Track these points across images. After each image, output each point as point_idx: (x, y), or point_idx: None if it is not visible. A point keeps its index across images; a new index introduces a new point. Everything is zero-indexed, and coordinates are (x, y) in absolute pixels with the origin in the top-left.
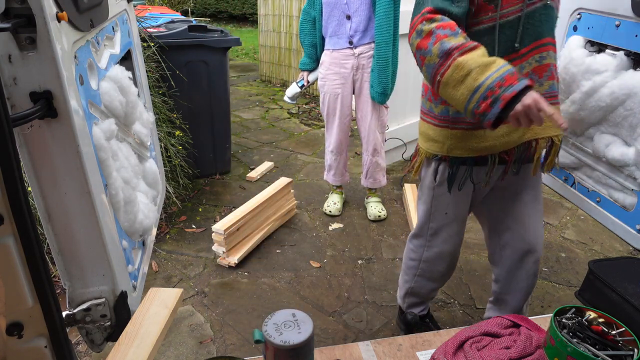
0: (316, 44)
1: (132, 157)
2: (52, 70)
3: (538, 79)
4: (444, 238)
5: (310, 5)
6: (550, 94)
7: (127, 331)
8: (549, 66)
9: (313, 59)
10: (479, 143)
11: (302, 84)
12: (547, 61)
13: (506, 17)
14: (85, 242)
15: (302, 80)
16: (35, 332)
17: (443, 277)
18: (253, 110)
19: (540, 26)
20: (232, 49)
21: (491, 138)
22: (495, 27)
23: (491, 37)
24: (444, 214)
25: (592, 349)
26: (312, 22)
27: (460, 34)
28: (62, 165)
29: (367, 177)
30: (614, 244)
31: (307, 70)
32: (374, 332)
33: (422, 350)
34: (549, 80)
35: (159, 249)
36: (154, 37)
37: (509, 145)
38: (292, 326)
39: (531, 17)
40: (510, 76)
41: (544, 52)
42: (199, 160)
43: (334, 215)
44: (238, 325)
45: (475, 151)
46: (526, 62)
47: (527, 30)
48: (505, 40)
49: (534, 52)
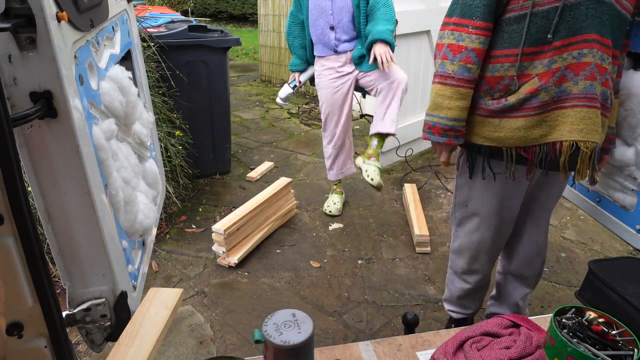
0: (306, 46)
1: (132, 157)
2: (52, 70)
3: (573, 76)
4: (465, 231)
5: (298, 9)
6: (586, 95)
7: (127, 331)
8: (589, 65)
9: (303, 60)
10: (493, 132)
11: (294, 85)
12: (588, 59)
13: (540, 6)
14: (85, 242)
15: (294, 81)
16: (35, 332)
17: (466, 276)
18: (253, 110)
19: (584, 21)
20: (232, 49)
21: (506, 129)
22: (527, 15)
23: (520, 25)
24: (464, 206)
25: (592, 349)
26: (301, 24)
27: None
28: (62, 165)
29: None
30: (614, 244)
31: (298, 71)
32: (374, 332)
33: (422, 350)
34: (586, 81)
35: (159, 249)
36: (154, 37)
37: (527, 142)
38: (292, 326)
39: (573, 10)
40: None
41: (585, 49)
42: (199, 160)
43: (334, 215)
44: (238, 325)
45: (489, 140)
46: (559, 57)
47: (566, 23)
48: (537, 30)
49: (571, 47)
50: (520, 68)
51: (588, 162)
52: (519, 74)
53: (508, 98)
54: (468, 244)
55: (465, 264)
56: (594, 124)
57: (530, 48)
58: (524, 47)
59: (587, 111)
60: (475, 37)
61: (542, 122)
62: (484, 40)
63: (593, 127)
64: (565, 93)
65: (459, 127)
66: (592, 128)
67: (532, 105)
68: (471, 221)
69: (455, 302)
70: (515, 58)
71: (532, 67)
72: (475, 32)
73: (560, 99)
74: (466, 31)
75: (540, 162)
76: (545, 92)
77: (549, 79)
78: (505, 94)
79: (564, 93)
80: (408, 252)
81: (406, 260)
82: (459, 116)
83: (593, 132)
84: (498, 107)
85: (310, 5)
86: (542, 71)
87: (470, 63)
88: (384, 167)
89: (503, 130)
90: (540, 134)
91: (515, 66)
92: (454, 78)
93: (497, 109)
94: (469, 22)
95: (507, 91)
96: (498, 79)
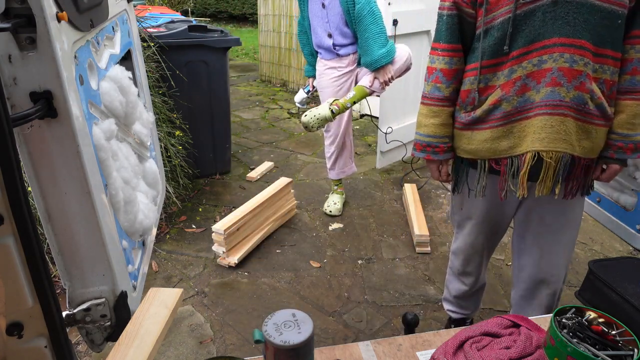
0: (313, 53)
1: (132, 157)
2: (52, 70)
3: (535, 84)
4: (463, 233)
5: (303, 18)
6: (547, 102)
7: (127, 331)
8: (549, 71)
9: (314, 66)
10: (467, 144)
11: (308, 90)
12: (548, 65)
13: (491, 23)
14: (85, 242)
15: (308, 86)
16: (35, 332)
17: (462, 277)
18: (253, 110)
19: (542, 27)
20: (232, 49)
21: (476, 142)
22: (481, 33)
23: (478, 42)
24: (460, 209)
25: (592, 349)
26: (306, 33)
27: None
28: (62, 165)
29: None
30: (614, 244)
31: (312, 77)
32: (374, 332)
33: (422, 350)
34: (547, 87)
35: (159, 249)
36: (154, 37)
37: (496, 153)
38: (292, 326)
39: (528, 18)
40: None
41: (545, 55)
42: (199, 160)
43: (334, 216)
44: (238, 325)
45: (465, 152)
46: (518, 66)
47: (522, 32)
48: (494, 42)
49: (530, 56)
50: (484, 81)
51: (553, 175)
52: (482, 86)
53: (476, 110)
54: (464, 246)
55: (460, 265)
56: (558, 132)
57: (490, 60)
58: (482, 60)
59: (548, 119)
60: (442, 59)
61: (508, 133)
62: (450, 60)
63: (557, 136)
64: (529, 102)
65: (437, 144)
66: (557, 137)
67: (496, 117)
68: (467, 224)
69: (453, 302)
70: (476, 72)
71: (495, 79)
72: (442, 54)
73: (524, 108)
74: (436, 54)
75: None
76: (507, 103)
77: (509, 89)
78: (474, 107)
79: (527, 102)
80: (408, 252)
81: (406, 260)
82: (434, 133)
83: (558, 141)
84: (468, 120)
85: (309, 14)
86: (503, 82)
87: (439, 83)
88: (384, 167)
89: (474, 142)
90: (509, 145)
91: (477, 79)
92: (427, 97)
93: (468, 122)
94: (438, 45)
95: (475, 104)
96: (467, 93)
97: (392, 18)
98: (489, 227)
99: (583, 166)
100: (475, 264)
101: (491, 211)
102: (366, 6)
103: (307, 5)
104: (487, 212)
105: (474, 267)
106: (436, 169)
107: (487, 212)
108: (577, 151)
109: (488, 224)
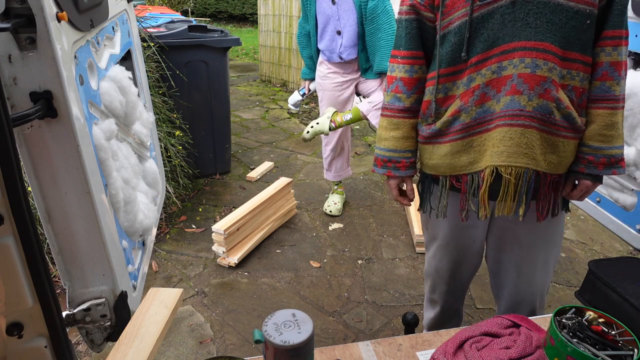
0: (312, 56)
1: (132, 157)
2: (52, 70)
3: (495, 93)
4: (427, 256)
5: (305, 20)
6: (506, 112)
7: (127, 331)
8: (509, 78)
9: (312, 70)
10: (428, 159)
11: (303, 92)
12: (508, 72)
13: (447, 27)
14: (85, 242)
15: (304, 88)
16: (35, 332)
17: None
18: (253, 110)
19: (501, 30)
20: (232, 49)
21: (436, 156)
22: (438, 39)
23: (436, 50)
24: (426, 229)
25: (592, 349)
26: (308, 35)
27: (390, 91)
28: (62, 165)
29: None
30: (614, 244)
31: (308, 80)
32: (374, 332)
33: (422, 350)
34: (507, 96)
35: (159, 249)
36: (154, 37)
37: (456, 169)
38: (292, 326)
39: (486, 21)
40: (379, 160)
41: (505, 61)
42: (199, 160)
43: (334, 216)
44: (238, 325)
45: (428, 168)
46: (477, 74)
47: (481, 36)
48: (452, 49)
49: (489, 62)
50: (443, 90)
51: (514, 193)
52: (442, 96)
53: (436, 123)
54: (428, 270)
55: (427, 291)
56: (518, 145)
57: (448, 68)
58: (440, 68)
59: (508, 130)
60: (402, 67)
61: (468, 147)
62: (410, 68)
63: (517, 149)
64: (488, 113)
65: (398, 159)
66: (516, 150)
67: (455, 129)
68: (432, 245)
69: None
70: (434, 81)
71: (455, 88)
72: (402, 62)
73: (484, 120)
74: (396, 62)
75: (474, 193)
76: (466, 114)
77: (468, 99)
78: (434, 119)
79: (487, 113)
80: (408, 252)
81: (406, 260)
82: (395, 147)
83: (517, 155)
84: (428, 133)
85: (317, 13)
86: (462, 91)
87: (400, 92)
88: None
89: (434, 157)
90: (469, 160)
91: (436, 88)
92: (387, 109)
93: (428, 135)
94: (398, 52)
95: (435, 115)
96: (427, 104)
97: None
98: (455, 251)
99: (550, 183)
100: (440, 291)
101: (456, 233)
102: (380, 4)
103: (315, 4)
104: (450, 233)
105: (439, 294)
106: (396, 186)
107: (450, 234)
108: (543, 166)
109: (453, 247)
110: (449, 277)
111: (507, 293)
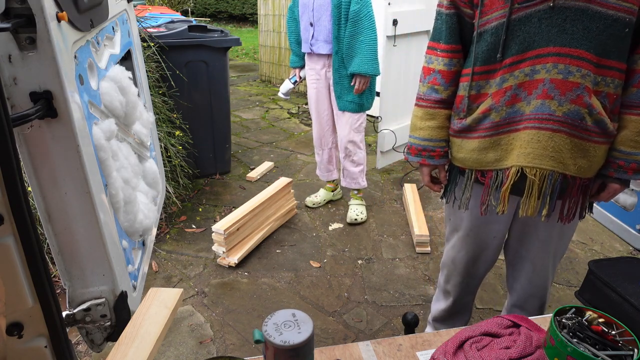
0: (299, 41)
1: (132, 157)
2: (52, 70)
3: (526, 96)
4: (448, 246)
5: (294, 4)
6: (536, 115)
7: (127, 331)
8: (541, 82)
9: (301, 57)
10: (457, 152)
11: (294, 80)
12: (540, 76)
13: (484, 26)
14: (85, 242)
15: (295, 76)
16: (35, 332)
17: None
18: (253, 110)
19: (537, 34)
20: (232, 49)
21: (464, 150)
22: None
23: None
24: (449, 219)
25: (592, 349)
26: (296, 20)
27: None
28: (62, 165)
29: (345, 176)
30: (614, 244)
31: (298, 67)
32: (374, 332)
33: (422, 350)
34: (538, 99)
35: (159, 249)
36: (154, 37)
37: (482, 165)
38: (292, 326)
39: (524, 24)
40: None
41: (538, 65)
42: (199, 160)
43: (310, 207)
44: (238, 325)
45: (456, 160)
46: (510, 75)
47: (517, 38)
48: (488, 48)
49: (523, 65)
50: (476, 87)
51: (538, 194)
52: (474, 93)
53: (467, 118)
54: (445, 260)
55: (442, 281)
56: (545, 148)
57: (482, 67)
58: (474, 66)
59: (536, 133)
60: (441, 59)
61: (495, 145)
62: (449, 62)
63: (544, 152)
64: (518, 114)
65: (433, 147)
66: (543, 153)
67: (484, 126)
68: (453, 236)
69: (431, 325)
70: (468, 77)
71: (488, 87)
72: (441, 55)
73: (513, 120)
74: (435, 54)
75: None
76: (496, 113)
77: (499, 99)
78: (465, 115)
79: (517, 114)
80: (408, 252)
81: (406, 260)
82: (430, 136)
83: (544, 158)
84: (459, 127)
85: (300, 0)
86: (495, 90)
87: (437, 84)
88: (385, 168)
89: (463, 150)
90: (495, 158)
91: (469, 85)
92: (423, 99)
93: (458, 129)
94: (437, 45)
95: (467, 111)
96: (460, 99)
97: (392, 18)
98: (474, 244)
99: (580, 186)
100: (454, 282)
101: (477, 227)
102: (364, 9)
103: None
104: (472, 226)
105: (452, 286)
106: (428, 173)
107: (472, 227)
108: (572, 170)
109: (473, 239)
110: (464, 269)
111: (520, 286)
